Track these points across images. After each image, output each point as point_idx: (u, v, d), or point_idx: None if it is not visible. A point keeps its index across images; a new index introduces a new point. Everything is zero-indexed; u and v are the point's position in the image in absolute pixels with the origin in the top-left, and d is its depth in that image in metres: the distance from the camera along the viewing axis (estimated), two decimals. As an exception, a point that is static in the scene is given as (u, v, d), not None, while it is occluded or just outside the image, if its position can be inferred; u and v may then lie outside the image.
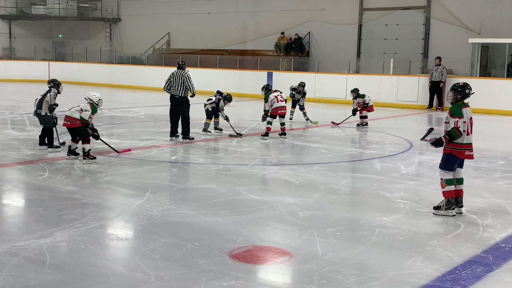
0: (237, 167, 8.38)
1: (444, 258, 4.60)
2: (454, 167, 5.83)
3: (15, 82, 25.91)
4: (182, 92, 10.34)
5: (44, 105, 8.76)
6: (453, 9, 20.28)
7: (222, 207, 5.95)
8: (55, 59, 28.98)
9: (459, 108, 5.75)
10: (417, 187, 7.17)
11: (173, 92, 10.39)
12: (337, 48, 22.90)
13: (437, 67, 17.21)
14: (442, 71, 17.13)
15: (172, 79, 10.41)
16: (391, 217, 5.71)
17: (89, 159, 8.11)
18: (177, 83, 10.33)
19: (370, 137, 11.80)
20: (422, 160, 9.07)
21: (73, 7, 31.23)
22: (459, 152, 5.76)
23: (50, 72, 27.16)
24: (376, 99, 18.46)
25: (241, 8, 25.58)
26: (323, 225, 5.40)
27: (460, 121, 5.67)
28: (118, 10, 30.69)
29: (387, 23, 21.98)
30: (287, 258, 4.56)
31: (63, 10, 30.83)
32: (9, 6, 30.74)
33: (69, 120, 8.13)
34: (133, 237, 5.10)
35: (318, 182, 7.22)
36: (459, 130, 5.64)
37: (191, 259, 4.45)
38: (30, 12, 31.18)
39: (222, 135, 11.07)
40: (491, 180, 7.58)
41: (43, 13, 30.78)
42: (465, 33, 19.61)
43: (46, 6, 30.77)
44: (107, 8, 30.88)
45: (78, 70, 26.79)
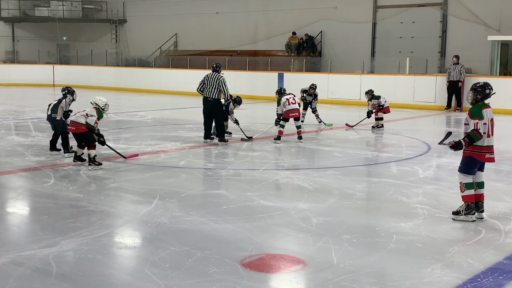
0: (248, 172, 8.38)
1: (464, 266, 4.57)
2: (474, 171, 5.80)
3: (19, 86, 26.07)
4: (215, 94, 10.55)
5: (59, 110, 8.92)
6: (471, 5, 20.19)
7: (233, 214, 5.95)
8: (59, 62, 29.16)
9: (479, 109, 5.71)
10: (436, 192, 7.14)
11: (206, 94, 10.60)
12: (350, 47, 22.87)
13: (455, 66, 17.12)
14: (461, 70, 17.04)
15: (206, 81, 10.61)
16: (409, 223, 5.69)
17: (95, 165, 8.15)
18: (211, 86, 10.53)
19: (386, 139, 11.77)
20: (440, 163, 9.02)
21: (77, 9, 31.40)
22: (479, 155, 5.72)
23: (55, 76, 27.36)
24: (392, 100, 18.40)
25: (250, 7, 25.62)
26: (338, 231, 5.39)
27: (480, 122, 5.63)
28: (123, 11, 30.84)
29: (402, 21, 21.93)
30: (301, 267, 4.55)
31: (67, 12, 31.02)
32: (12, 8, 30.95)
33: (74, 125, 8.19)
34: (141, 246, 5.12)
35: (332, 187, 7.21)
36: (479, 132, 5.60)
37: (201, 268, 4.46)
38: (34, 14, 31.38)
39: (232, 139, 11.08)
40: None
41: (47, 15, 30.98)
42: (484, 30, 19.52)
43: (50, 8, 30.98)
44: (112, 9, 31.03)
45: (83, 73, 26.93)
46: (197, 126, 13.04)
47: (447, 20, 21.01)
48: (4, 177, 7.76)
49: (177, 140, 10.95)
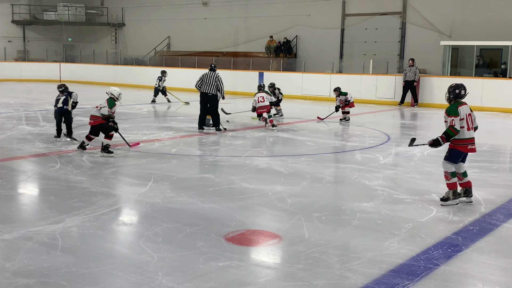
0: (231, 158, 8.37)
1: (418, 240, 4.62)
2: (458, 160, 5.72)
3: (29, 81, 25.71)
4: (213, 90, 10.64)
5: (70, 103, 9.36)
6: (427, 14, 20.30)
7: (218, 195, 5.94)
8: (65, 61, 28.79)
9: (454, 107, 5.62)
10: (394, 176, 7.20)
11: (205, 90, 10.66)
12: (321, 50, 22.88)
13: (411, 67, 17.20)
14: (415, 71, 17.13)
15: (205, 79, 10.68)
16: (370, 203, 5.73)
17: (106, 153, 8.05)
18: (210, 83, 10.63)
19: (352, 130, 11.82)
20: (398, 152, 9.09)
21: (81, 13, 30.98)
22: (462, 146, 5.64)
23: (61, 73, 27.01)
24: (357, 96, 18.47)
25: (234, 14, 25.51)
26: (309, 210, 5.41)
27: (456, 119, 5.51)
28: (122, 16, 30.50)
29: (367, 28, 21.97)
30: (277, 241, 4.57)
31: (72, 16, 30.59)
32: (23, 12, 30.51)
33: (92, 119, 8.19)
34: (137, 222, 5.09)
35: (305, 172, 7.22)
36: (455, 128, 5.49)
37: (190, 242, 4.45)
38: (42, 18, 30.92)
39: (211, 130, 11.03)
40: (460, 169, 7.60)
41: (54, 19, 30.52)
42: (437, 36, 19.64)
43: (57, 12, 30.53)
44: (112, 14, 30.70)
45: (86, 71, 26.62)
46: (187, 118, 12.98)
47: (405, 27, 21.09)
48: (15, 162, 7.65)
49: (169, 130, 10.89)
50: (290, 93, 20.22)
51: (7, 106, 14.90)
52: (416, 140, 6.17)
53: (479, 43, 17.93)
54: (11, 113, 13.26)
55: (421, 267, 4.00)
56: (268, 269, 4.04)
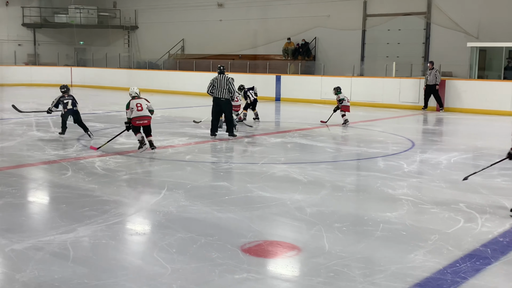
0: (248, 165, 8.37)
1: (445, 252, 4.57)
2: None
3: (40, 86, 26.04)
4: (226, 94, 10.61)
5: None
6: (452, 14, 20.15)
7: (234, 204, 5.94)
8: (76, 65, 29.11)
9: None
10: (419, 184, 7.13)
11: (218, 95, 10.62)
12: (342, 52, 22.81)
13: (431, 71, 17.08)
14: (436, 74, 16.99)
15: (216, 84, 10.63)
16: (394, 213, 5.68)
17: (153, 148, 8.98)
18: (222, 87, 10.57)
19: (374, 136, 11.75)
20: (423, 159, 9.01)
21: (93, 16, 31.34)
22: None
23: (72, 77, 27.33)
24: (379, 101, 18.48)
25: (250, 15, 25.58)
26: (330, 220, 5.38)
27: None
28: (135, 18, 30.78)
29: (389, 28, 21.87)
30: (296, 252, 4.55)
31: (84, 19, 30.97)
32: (34, 15, 30.94)
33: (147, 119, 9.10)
34: (150, 232, 5.11)
35: (325, 180, 7.19)
36: None
37: (205, 253, 4.45)
38: (53, 21, 31.33)
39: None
40: (489, 178, 7.50)
41: (65, 21, 30.91)
42: (464, 37, 19.48)
43: (68, 15, 30.92)
44: (125, 16, 30.99)
45: (98, 75, 26.91)
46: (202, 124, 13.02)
47: (430, 28, 20.96)
48: (26, 169, 7.75)
49: (183, 136, 10.94)
50: (309, 97, 20.19)
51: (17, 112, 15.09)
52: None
53: (509, 44, 17.72)
54: (21, 118, 13.44)
55: (448, 281, 3.95)
56: (287, 282, 4.02)
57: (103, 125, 12.51)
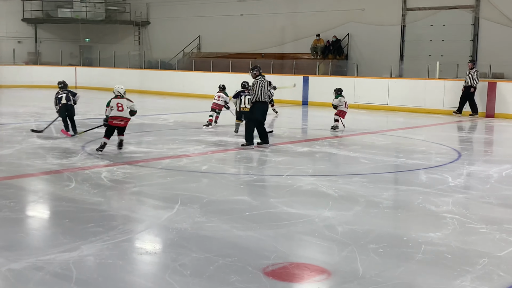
0: (271, 177, 8.37)
1: (495, 278, 4.51)
2: None
3: (41, 88, 26.38)
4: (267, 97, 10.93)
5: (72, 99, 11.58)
6: (504, 8, 19.94)
7: (256, 221, 5.94)
8: (82, 64, 29.48)
9: None
10: (466, 201, 7.05)
11: (266, 99, 10.82)
12: (378, 50, 22.75)
13: (470, 71, 16.94)
14: (474, 75, 16.83)
15: (264, 87, 10.71)
16: (438, 233, 5.62)
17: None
18: (265, 90, 10.76)
19: (415, 146, 11.66)
20: (471, 172, 8.91)
21: (100, 10, 31.74)
22: None
23: (77, 78, 27.66)
24: (421, 105, 18.35)
25: (274, 9, 25.67)
26: (364, 241, 5.35)
27: None
28: (147, 13, 31.10)
29: (432, 24, 21.75)
30: (325, 277, 4.53)
31: (90, 13, 31.40)
32: (35, 9, 31.39)
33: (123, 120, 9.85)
34: (162, 252, 5.14)
35: (358, 195, 7.16)
36: None
37: (223, 275, 4.45)
38: (56, 16, 31.80)
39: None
40: (547, 193, 7.40)
41: (70, 16, 31.38)
42: (518, 33, 19.28)
43: (73, 9, 31.38)
44: (135, 11, 31.30)
45: (105, 75, 27.16)
46: (219, 130, 13.08)
47: (479, 23, 20.79)
48: (25, 180, 7.86)
49: (199, 144, 10.99)
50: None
51: (16, 116, 15.39)
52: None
53: None
54: (20, 123, 13.67)
55: (500, 312, 3.89)
56: (315, 310, 4.01)
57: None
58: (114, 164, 8.82)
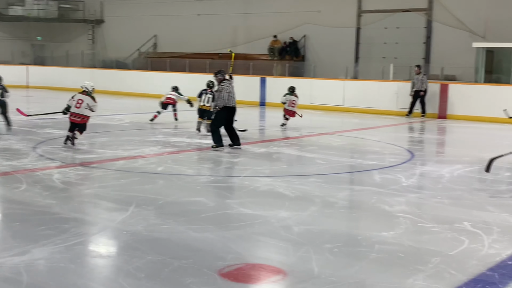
0: (228, 178, 8.37)
1: (447, 276, 4.59)
2: None
3: (-9, 87, 25.74)
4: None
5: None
6: (456, 11, 20.42)
7: (212, 222, 5.93)
8: (34, 63, 28.90)
9: None
10: (419, 200, 7.18)
11: (234, 104, 10.62)
12: (334, 52, 22.99)
13: (418, 76, 17.30)
14: (423, 79, 17.22)
15: (231, 90, 10.56)
16: (391, 232, 5.71)
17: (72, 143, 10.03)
18: (234, 94, 10.63)
19: (369, 146, 11.82)
20: (424, 172, 9.09)
21: (53, 8, 31.17)
22: None
23: (29, 77, 27.08)
24: (376, 107, 18.61)
25: (232, 9, 25.66)
26: (319, 241, 5.39)
27: None
28: (101, 11, 30.69)
29: (386, 26, 22.10)
30: (281, 277, 4.54)
31: (42, 11, 30.78)
32: (-16, 6, 30.65)
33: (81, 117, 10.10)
34: (116, 255, 5.07)
35: (314, 195, 7.21)
36: None
37: (178, 278, 4.42)
38: (7, 13, 31.08)
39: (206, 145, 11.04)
40: (497, 193, 7.60)
41: (21, 14, 30.70)
42: (469, 36, 19.75)
43: (25, 7, 30.72)
44: (89, 9, 30.88)
45: (58, 75, 26.70)
46: (176, 131, 13.00)
47: (431, 26, 21.23)
48: (-27, 182, 7.65)
49: (155, 145, 10.90)
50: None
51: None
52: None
53: (519, 45, 18.02)
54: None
55: (451, 310, 3.98)
56: (270, 311, 4.02)
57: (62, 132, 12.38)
58: (67, 165, 8.67)
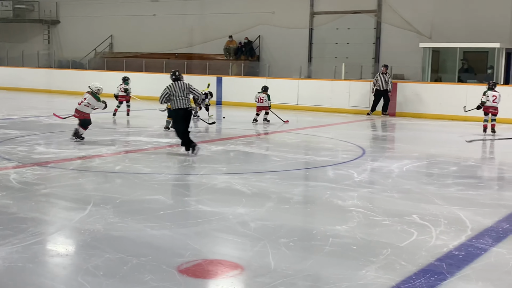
0: (185, 176, 8.33)
1: (398, 267, 4.68)
2: None
3: None
4: (189, 102, 9.91)
5: None
6: (404, 13, 20.83)
7: (170, 219, 5.89)
8: (-12, 64, 28.14)
9: None
10: (370, 195, 7.30)
11: (184, 105, 9.68)
12: (288, 52, 23.13)
13: (384, 75, 17.38)
14: (388, 80, 17.32)
15: (179, 91, 9.64)
16: (344, 226, 5.79)
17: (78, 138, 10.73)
18: (186, 95, 9.71)
19: (323, 144, 11.95)
20: (375, 167, 9.23)
21: (8, 8, 30.42)
22: None
23: (-17, 78, 26.35)
24: (328, 105, 18.82)
25: (188, 10, 25.52)
26: (276, 235, 5.42)
27: None
28: (56, 12, 30.10)
29: (338, 27, 22.36)
30: (239, 272, 4.55)
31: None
32: None
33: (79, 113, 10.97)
34: (74, 253, 4.99)
35: (270, 191, 7.25)
36: None
37: (137, 275, 4.38)
38: (-40, 13, 30.20)
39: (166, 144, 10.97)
40: (443, 187, 7.78)
41: (-25, 14, 29.87)
42: (416, 37, 20.17)
43: (-21, 7, 29.90)
44: (45, 9, 30.23)
45: (14, 75, 26.05)
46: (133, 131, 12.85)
47: (380, 27, 21.58)
48: None
49: (113, 145, 10.76)
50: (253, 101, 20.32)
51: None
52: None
53: (463, 45, 18.47)
54: None
55: (402, 299, 4.06)
56: (229, 304, 4.03)
57: (19, 132, 12.11)
58: (23, 165, 8.48)
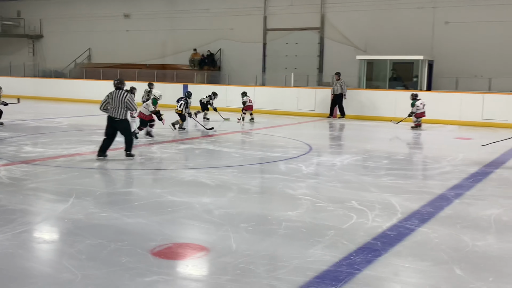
0: (157, 171, 8.23)
1: (340, 246, 4.75)
2: None
3: None
4: (123, 114, 8.72)
5: None
6: (343, 30, 21.13)
7: (144, 209, 5.82)
8: (-22, 74, 27.21)
9: None
10: (317, 185, 7.37)
11: (113, 114, 8.70)
12: (245, 63, 23.14)
13: (337, 82, 17.68)
14: (342, 85, 17.60)
15: (111, 100, 8.70)
16: (295, 212, 5.83)
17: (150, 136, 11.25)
18: (118, 105, 8.66)
19: (276, 142, 11.98)
20: (320, 161, 9.32)
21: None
22: None
23: (-27, 85, 25.43)
24: (280, 108, 18.93)
25: (156, 26, 25.31)
26: (236, 221, 5.42)
27: None
28: (40, 27, 29.34)
29: (287, 42, 22.50)
30: (205, 253, 4.53)
31: (-14, 28, 29.04)
32: None
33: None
34: (59, 240, 4.88)
35: (231, 183, 7.23)
36: None
37: (115, 258, 4.31)
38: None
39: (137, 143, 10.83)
40: (377, 177, 7.92)
41: (-34, 30, 28.81)
42: (354, 50, 20.46)
43: (-31, 23, 28.85)
44: (29, 25, 29.48)
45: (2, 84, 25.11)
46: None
47: (324, 42, 21.81)
48: None
49: (91, 144, 10.53)
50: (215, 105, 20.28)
51: None
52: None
53: (392, 57, 18.83)
54: None
55: (344, 273, 4.11)
56: (196, 282, 4.00)
57: (8, 133, 11.76)
58: (12, 163, 8.23)
